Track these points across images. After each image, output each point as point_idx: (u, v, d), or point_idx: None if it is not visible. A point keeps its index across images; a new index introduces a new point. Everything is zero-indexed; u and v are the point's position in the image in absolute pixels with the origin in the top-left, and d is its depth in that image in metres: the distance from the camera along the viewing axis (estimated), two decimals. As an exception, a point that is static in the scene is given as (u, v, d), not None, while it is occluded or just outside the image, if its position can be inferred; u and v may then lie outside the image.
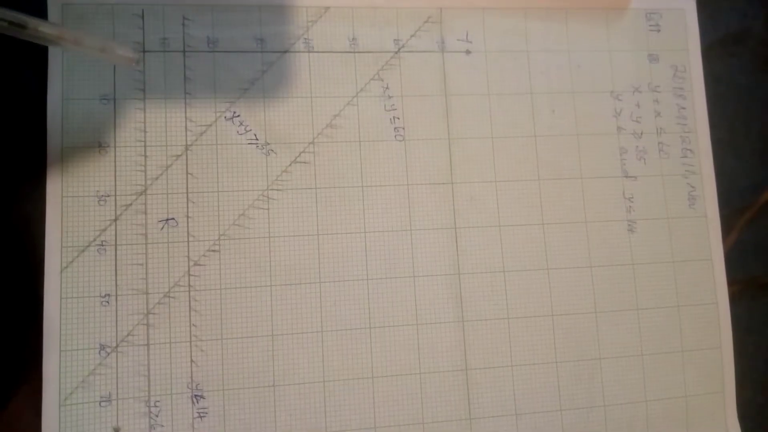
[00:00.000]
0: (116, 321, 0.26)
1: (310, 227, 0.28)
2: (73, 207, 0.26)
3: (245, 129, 0.28)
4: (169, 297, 0.26)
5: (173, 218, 0.27)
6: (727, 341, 0.30)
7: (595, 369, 0.29)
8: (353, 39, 0.29)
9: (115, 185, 0.27)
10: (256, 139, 0.28)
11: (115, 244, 0.26)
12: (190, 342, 0.26)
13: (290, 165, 0.28)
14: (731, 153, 0.32)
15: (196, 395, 0.26)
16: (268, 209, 0.28)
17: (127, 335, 0.26)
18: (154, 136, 0.27)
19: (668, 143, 0.31)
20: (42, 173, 0.26)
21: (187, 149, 0.27)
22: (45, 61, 0.27)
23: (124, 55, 0.24)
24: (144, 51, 0.27)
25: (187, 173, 0.27)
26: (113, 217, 0.26)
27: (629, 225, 0.30)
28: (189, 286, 0.27)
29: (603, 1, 0.31)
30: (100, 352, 0.26)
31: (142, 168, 0.27)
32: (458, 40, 0.30)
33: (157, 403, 0.26)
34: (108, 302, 0.26)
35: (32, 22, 0.21)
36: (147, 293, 0.26)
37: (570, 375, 0.29)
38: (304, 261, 0.27)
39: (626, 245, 0.30)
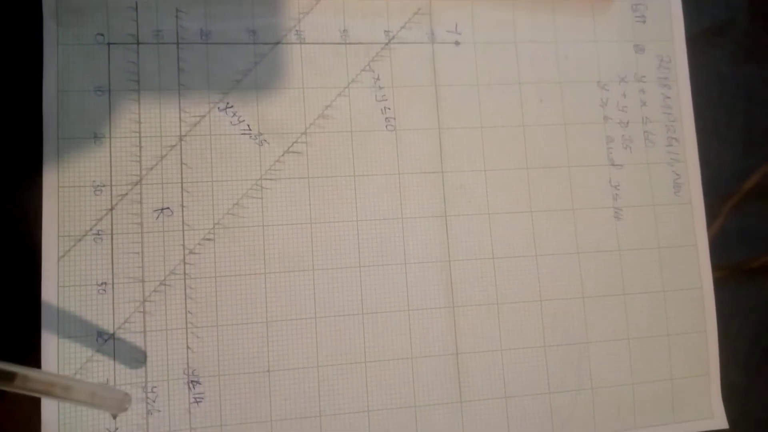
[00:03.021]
0: (113, 309, 0.26)
1: (303, 216, 0.28)
2: (69, 197, 0.27)
3: (238, 119, 0.28)
4: (164, 285, 0.27)
5: (168, 207, 0.27)
6: (712, 325, 0.31)
7: (582, 353, 0.30)
8: (344, 30, 0.30)
9: (111, 175, 0.27)
10: (249, 130, 0.28)
11: (112, 234, 0.27)
12: (186, 329, 0.27)
13: (283, 155, 0.28)
14: (716, 141, 0.33)
15: (192, 381, 0.27)
16: (261, 198, 0.28)
17: (124, 323, 0.26)
18: (149, 126, 0.28)
19: (654, 132, 0.32)
20: (38, 164, 0.27)
21: (181, 140, 0.28)
22: (40, 54, 0.27)
23: (115, 399, 0.23)
24: (138, 43, 0.28)
25: (181, 163, 0.28)
26: (109, 207, 0.27)
27: (615, 212, 0.31)
28: (184, 274, 0.27)
29: (589, -7, 0.32)
30: (97, 339, 0.26)
31: (137, 158, 0.27)
32: (447, 31, 0.30)
33: (154, 389, 0.26)
34: (105, 290, 0.26)
35: (21, 373, 0.20)
36: (143, 281, 0.27)
37: (558, 359, 0.29)
38: (298, 249, 0.28)
39: (613, 232, 0.31)
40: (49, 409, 0.25)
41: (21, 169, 0.27)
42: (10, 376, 0.20)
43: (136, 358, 0.26)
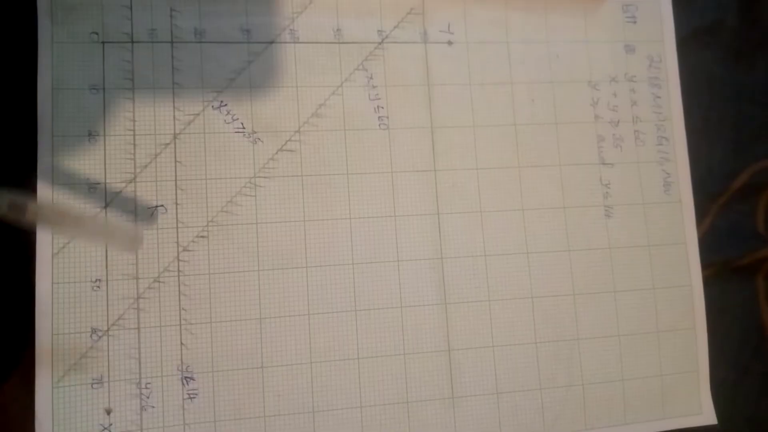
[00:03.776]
0: (107, 305, 0.27)
1: (297, 214, 0.28)
2: (63, 194, 0.27)
3: (232, 118, 0.28)
4: (159, 282, 0.27)
5: (162, 205, 0.27)
6: (701, 322, 0.31)
7: (573, 349, 0.30)
8: (338, 30, 0.30)
9: (105, 173, 0.27)
10: (243, 128, 0.28)
11: (106, 231, 0.27)
12: (180, 325, 0.27)
13: (277, 153, 0.29)
14: (705, 141, 0.33)
15: (186, 377, 0.27)
16: (255, 196, 0.28)
17: (118, 319, 0.27)
18: (143, 125, 0.28)
19: (644, 131, 0.32)
20: (33, 162, 0.27)
21: (175, 138, 0.28)
22: (35, 52, 0.27)
23: (127, 235, 0.24)
24: (132, 42, 0.28)
25: (175, 161, 0.28)
26: (103, 205, 0.27)
27: (606, 210, 0.31)
28: (178, 271, 0.27)
29: (581, -6, 0.32)
30: (91, 336, 0.26)
31: (132, 156, 0.27)
32: (440, 31, 0.31)
33: (148, 385, 0.26)
34: (99, 287, 0.26)
35: (33, 205, 0.21)
36: (137, 278, 0.27)
37: (549, 355, 0.30)
38: (291, 246, 0.28)
39: (603, 230, 0.31)
40: (42, 406, 0.25)
41: (15, 167, 0.27)
42: (23, 207, 0.21)
43: (130, 354, 0.26)
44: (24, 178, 0.27)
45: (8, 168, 0.27)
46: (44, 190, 0.26)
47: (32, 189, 0.26)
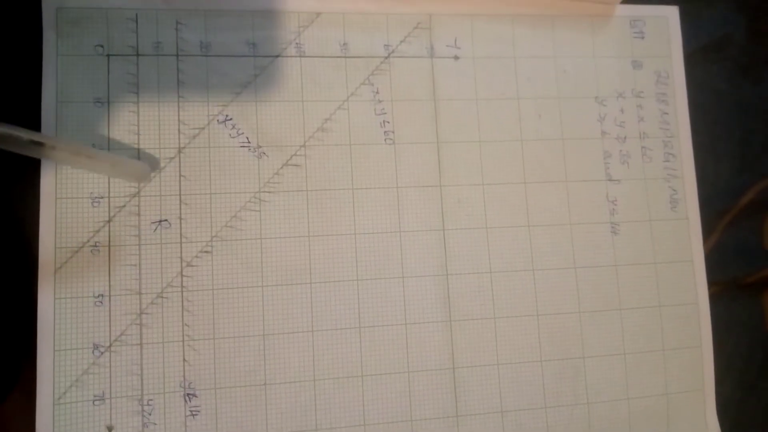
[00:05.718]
0: (109, 321, 0.26)
1: (302, 229, 0.28)
2: (66, 208, 0.27)
3: (237, 132, 0.28)
4: (162, 297, 0.27)
5: (166, 220, 0.27)
6: (707, 340, 0.31)
7: (578, 367, 0.30)
8: (344, 44, 0.30)
9: (109, 187, 0.27)
10: (248, 142, 0.28)
11: (109, 245, 0.27)
12: (183, 341, 0.27)
13: (282, 168, 0.28)
14: (712, 157, 0.33)
15: (188, 394, 0.27)
16: (259, 211, 0.28)
17: (121, 335, 0.26)
18: (148, 138, 0.27)
19: (651, 147, 0.32)
20: (36, 175, 0.26)
21: (180, 152, 0.28)
22: (39, 64, 0.27)
23: (135, 170, 0.25)
24: (137, 55, 0.28)
25: (180, 175, 0.28)
26: (107, 219, 0.27)
27: (612, 227, 0.31)
28: (182, 286, 0.27)
29: (588, 9, 0.32)
30: (93, 352, 0.26)
31: (136, 170, 0.27)
32: (447, 46, 0.30)
33: (150, 402, 0.26)
34: (101, 302, 0.26)
35: (49, 143, 0.23)
36: (140, 293, 0.27)
37: (554, 373, 0.29)
38: (295, 262, 0.28)
39: (609, 247, 0.31)
40: (44, 422, 0.25)
41: (18, 180, 0.27)
42: (39, 144, 0.22)
43: (132, 370, 0.26)
44: (27, 190, 0.26)
45: (12, 180, 0.27)
46: (48, 203, 0.26)
47: (36, 200, 0.26)
